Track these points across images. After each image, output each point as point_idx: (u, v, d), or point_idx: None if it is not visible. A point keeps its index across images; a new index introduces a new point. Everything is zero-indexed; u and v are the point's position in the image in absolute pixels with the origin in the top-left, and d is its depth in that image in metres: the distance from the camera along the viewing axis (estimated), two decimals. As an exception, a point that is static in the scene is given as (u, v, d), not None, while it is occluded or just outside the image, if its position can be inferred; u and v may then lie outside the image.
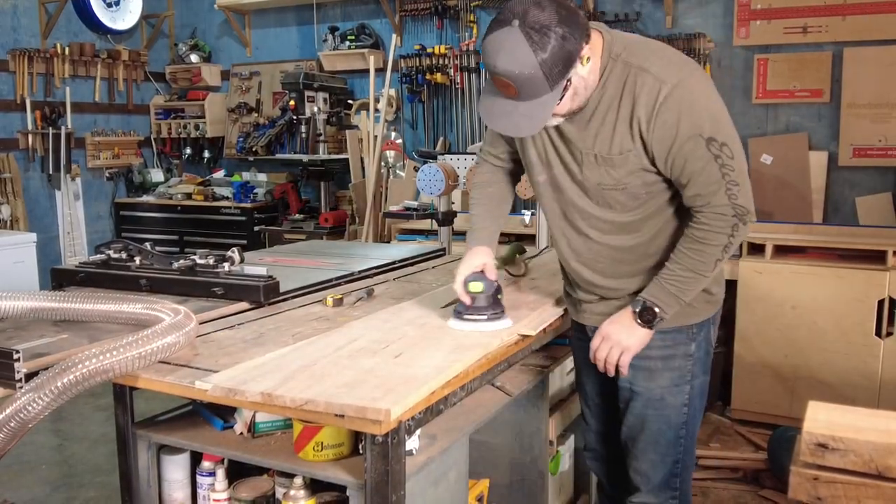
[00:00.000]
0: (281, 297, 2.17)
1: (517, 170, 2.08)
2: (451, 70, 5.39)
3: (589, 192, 1.80)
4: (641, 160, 1.70)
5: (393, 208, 4.34)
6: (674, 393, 1.88)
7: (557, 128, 1.78)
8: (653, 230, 1.80)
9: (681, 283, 1.73)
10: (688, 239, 1.72)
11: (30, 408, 1.38)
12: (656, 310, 1.74)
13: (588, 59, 1.62)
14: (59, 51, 5.79)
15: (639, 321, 1.76)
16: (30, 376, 1.45)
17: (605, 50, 1.68)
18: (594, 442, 2.18)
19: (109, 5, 6.10)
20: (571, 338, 2.12)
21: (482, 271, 1.87)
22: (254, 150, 6.15)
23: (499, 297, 1.88)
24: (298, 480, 1.53)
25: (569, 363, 2.48)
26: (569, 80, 1.60)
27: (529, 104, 1.58)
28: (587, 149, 1.74)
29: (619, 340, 1.79)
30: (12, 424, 1.39)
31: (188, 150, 6.60)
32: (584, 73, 1.64)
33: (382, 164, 4.82)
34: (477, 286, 1.83)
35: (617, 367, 1.82)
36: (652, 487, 1.95)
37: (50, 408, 1.40)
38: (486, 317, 1.84)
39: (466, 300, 1.84)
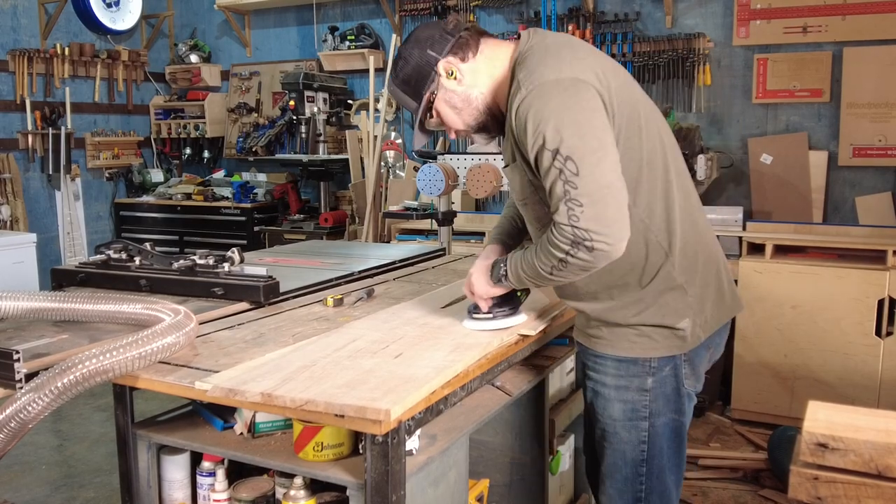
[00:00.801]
0: (281, 298, 2.17)
1: None
2: (451, 70, 5.38)
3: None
4: (526, 173, 1.66)
5: (393, 208, 4.34)
6: (627, 428, 1.78)
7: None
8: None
9: (525, 265, 1.67)
10: (543, 236, 1.60)
11: (30, 408, 1.38)
12: (501, 272, 1.75)
13: (452, 72, 1.68)
14: (58, 51, 5.79)
15: (491, 273, 1.79)
16: (30, 377, 1.45)
17: (513, 60, 1.68)
18: (585, 450, 2.14)
19: (109, 5, 6.10)
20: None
21: None
22: (254, 150, 6.15)
23: (518, 294, 1.87)
24: (298, 480, 1.53)
25: (569, 363, 2.48)
26: (432, 93, 1.69)
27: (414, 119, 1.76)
28: (502, 162, 1.83)
29: (473, 282, 1.83)
30: (12, 425, 1.39)
31: (188, 151, 6.60)
32: (454, 87, 1.69)
33: (382, 164, 4.82)
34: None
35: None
36: None
37: (50, 408, 1.40)
38: (493, 315, 1.83)
39: (474, 299, 1.85)
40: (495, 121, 1.74)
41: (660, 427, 1.78)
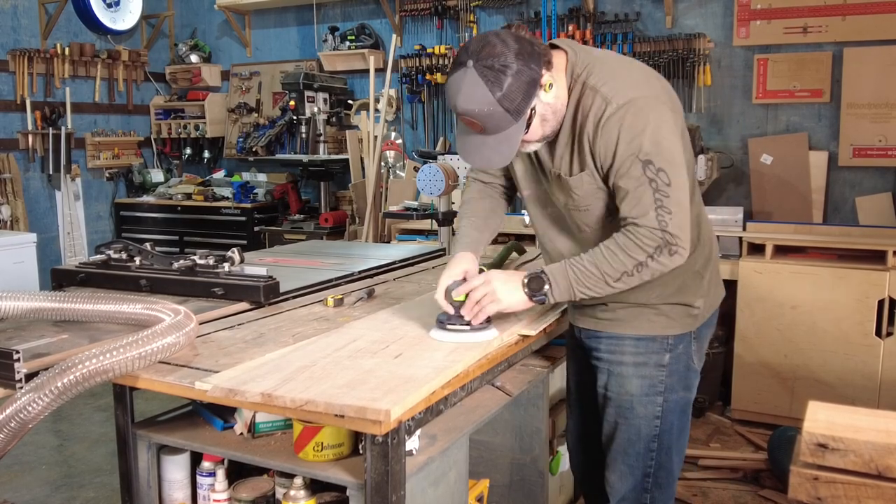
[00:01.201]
0: (281, 298, 2.17)
1: (509, 185, 2.09)
2: (451, 70, 5.38)
3: (563, 211, 1.85)
4: (596, 180, 1.72)
5: (393, 208, 4.34)
6: (644, 403, 1.86)
7: None
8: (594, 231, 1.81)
9: (582, 275, 1.69)
10: (611, 240, 1.69)
11: (30, 408, 1.38)
12: (546, 287, 1.71)
13: (551, 85, 1.67)
14: (59, 51, 5.79)
15: (525, 288, 1.74)
16: (30, 376, 1.45)
17: (569, 71, 1.72)
18: (572, 444, 2.19)
19: (109, 6, 6.10)
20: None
21: (464, 279, 1.81)
22: (254, 150, 6.15)
23: None
24: (298, 481, 1.53)
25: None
26: (533, 109, 1.65)
27: (497, 137, 1.64)
28: (552, 170, 1.80)
29: (497, 290, 1.74)
30: (12, 425, 1.39)
31: (188, 151, 6.60)
32: (550, 100, 1.69)
33: (382, 164, 4.82)
34: (460, 295, 1.76)
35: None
36: (619, 500, 1.93)
37: (50, 408, 1.40)
38: (469, 327, 1.76)
39: (449, 310, 1.77)
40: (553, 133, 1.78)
41: (672, 403, 1.88)
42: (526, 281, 1.74)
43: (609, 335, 1.88)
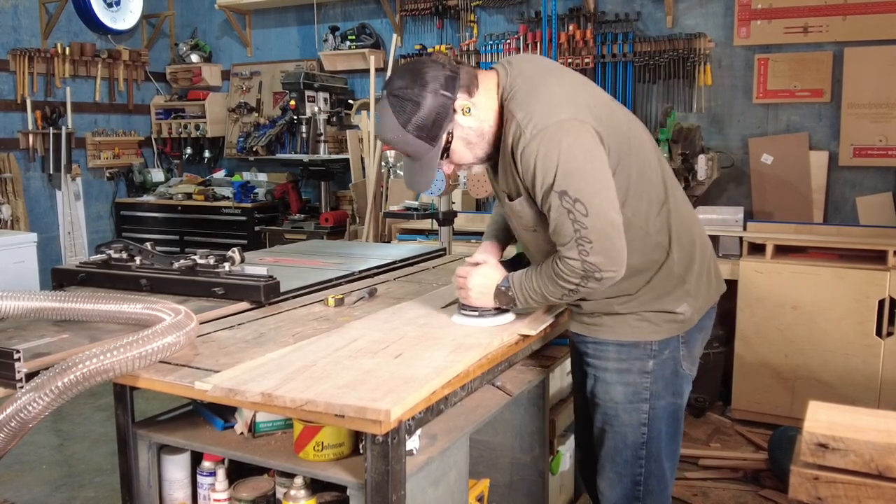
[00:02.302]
0: (281, 297, 2.17)
1: None
2: (452, 70, 5.38)
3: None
4: (533, 205, 1.72)
5: (394, 208, 4.34)
6: (628, 410, 1.85)
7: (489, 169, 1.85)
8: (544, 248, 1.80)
9: (532, 292, 1.77)
10: (546, 265, 1.73)
11: (30, 408, 1.38)
12: (510, 293, 1.81)
13: (469, 109, 1.69)
14: (59, 51, 5.79)
15: (496, 297, 1.83)
16: (30, 376, 1.45)
17: (499, 93, 1.72)
18: (575, 443, 2.23)
19: (110, 5, 6.10)
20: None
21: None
22: (254, 149, 6.15)
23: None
24: (299, 480, 1.53)
25: (569, 363, 2.48)
26: (449, 134, 1.68)
27: (420, 163, 1.71)
28: (501, 190, 1.82)
29: (471, 287, 1.84)
30: (13, 424, 1.39)
31: (188, 150, 6.60)
32: (471, 124, 1.70)
33: (383, 163, 4.82)
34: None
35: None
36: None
37: (50, 408, 1.40)
38: (480, 312, 1.85)
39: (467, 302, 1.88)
40: (495, 150, 1.78)
41: (659, 409, 1.85)
42: (500, 285, 1.83)
43: (595, 340, 1.88)
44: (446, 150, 1.72)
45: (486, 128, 1.72)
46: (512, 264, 2.00)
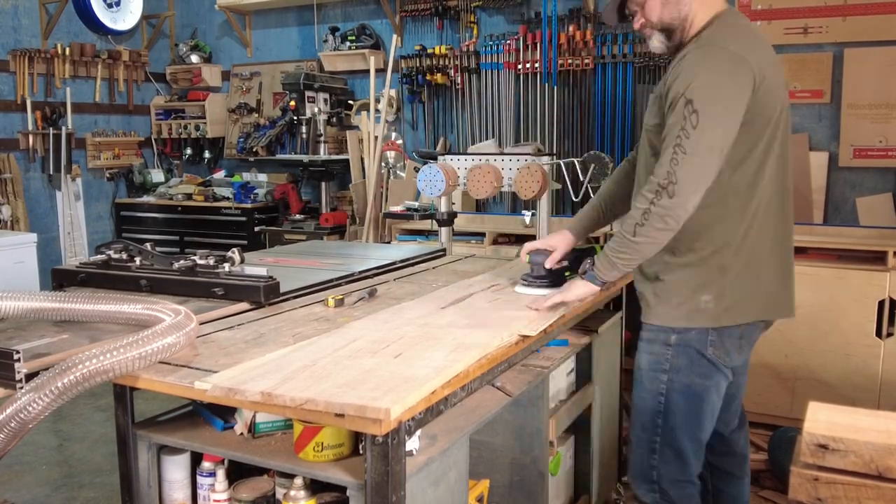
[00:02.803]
0: (281, 298, 2.17)
1: None
2: (452, 71, 5.39)
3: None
4: (659, 105, 1.87)
5: (394, 209, 4.34)
6: (649, 378, 1.99)
7: None
8: None
9: (612, 242, 1.88)
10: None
11: (30, 408, 1.38)
12: (587, 264, 1.98)
13: None
14: (59, 51, 5.79)
15: (580, 272, 2.01)
16: (30, 377, 1.45)
17: (710, 22, 1.88)
18: None
19: (110, 6, 6.10)
20: None
21: (546, 251, 2.18)
22: (254, 150, 6.15)
23: (565, 273, 2.25)
24: (299, 481, 1.53)
25: (569, 363, 2.48)
26: None
27: None
28: (652, 103, 1.98)
29: (565, 288, 2.04)
30: (12, 425, 1.39)
31: (188, 151, 6.60)
32: None
33: (383, 164, 4.82)
34: (529, 257, 2.22)
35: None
36: (632, 473, 2.08)
37: (50, 408, 1.40)
38: (529, 283, 2.21)
39: (523, 258, 2.25)
40: (674, 37, 1.93)
41: (678, 384, 1.95)
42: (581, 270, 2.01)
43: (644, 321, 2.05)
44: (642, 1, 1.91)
45: (684, 7, 1.88)
46: (578, 253, 2.21)
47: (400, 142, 5.14)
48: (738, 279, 1.90)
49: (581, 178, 3.19)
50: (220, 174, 6.32)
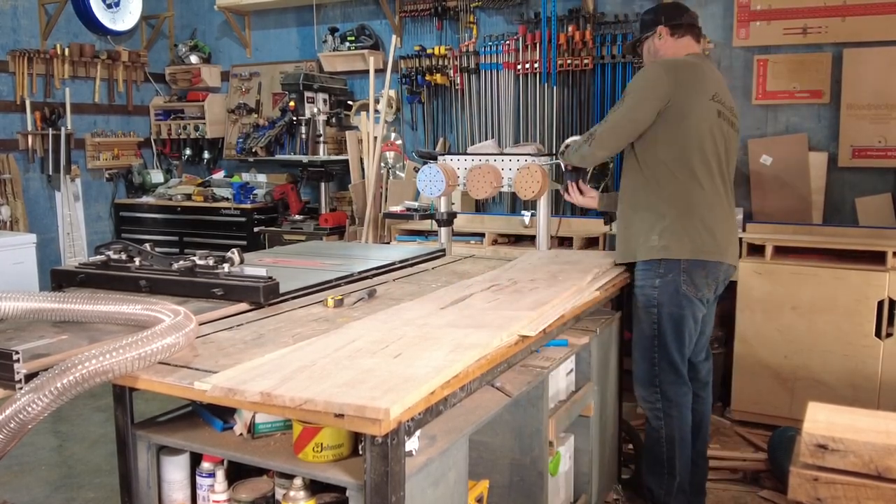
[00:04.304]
0: (281, 298, 2.17)
1: None
2: (451, 71, 5.39)
3: None
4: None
5: (394, 209, 4.34)
6: (645, 312, 2.72)
7: None
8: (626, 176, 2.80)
9: (575, 141, 2.91)
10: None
11: (29, 409, 1.38)
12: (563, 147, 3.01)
13: (661, 35, 2.78)
14: (58, 52, 5.79)
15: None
16: (29, 377, 1.45)
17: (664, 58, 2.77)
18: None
19: (109, 6, 6.10)
20: None
21: None
22: (253, 150, 6.15)
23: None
24: (298, 481, 1.53)
25: (569, 363, 2.48)
26: (647, 36, 2.82)
27: (636, 35, 3.03)
28: None
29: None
30: (12, 425, 1.39)
31: (188, 151, 6.60)
32: (657, 43, 2.80)
33: (382, 164, 4.82)
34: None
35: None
36: (638, 380, 2.78)
37: (49, 409, 1.40)
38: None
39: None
40: None
41: (664, 315, 2.67)
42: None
43: (639, 262, 2.75)
44: (639, 42, 2.88)
45: (660, 55, 2.79)
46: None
47: (399, 142, 5.14)
48: (672, 224, 2.62)
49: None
50: (219, 175, 6.32)
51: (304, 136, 5.45)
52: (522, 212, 4.34)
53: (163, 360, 1.55)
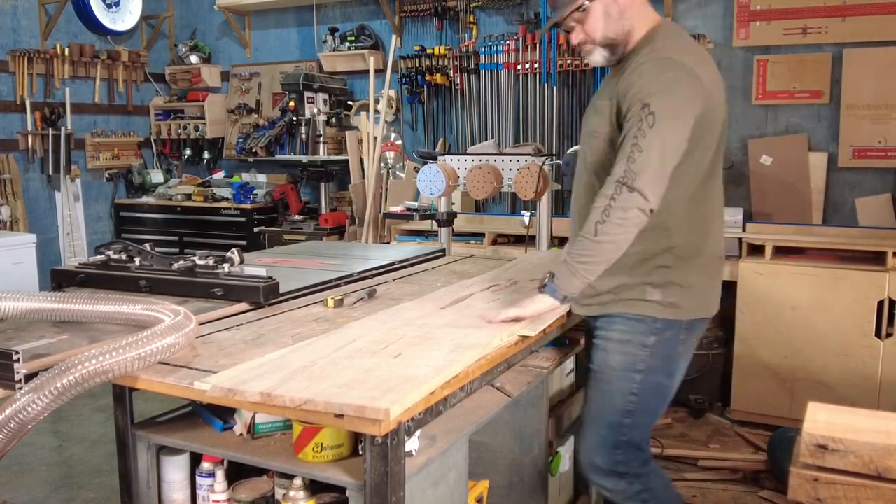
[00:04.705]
0: (280, 298, 2.17)
1: None
2: (451, 71, 5.39)
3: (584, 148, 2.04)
4: (612, 112, 1.89)
5: (394, 209, 4.34)
6: (621, 377, 1.98)
7: None
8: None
9: (574, 247, 1.83)
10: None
11: (29, 409, 1.38)
12: (552, 270, 1.89)
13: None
14: (58, 52, 5.79)
15: (540, 287, 1.92)
16: (29, 377, 1.45)
17: (651, 33, 1.92)
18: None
19: (109, 6, 6.10)
20: None
21: None
22: (253, 150, 6.15)
23: None
24: (298, 481, 1.53)
25: (569, 364, 2.48)
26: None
27: (557, 6, 1.96)
28: (592, 106, 2.03)
29: (521, 302, 1.93)
30: (12, 425, 1.39)
31: (188, 151, 6.60)
32: (619, 4, 1.90)
33: (382, 165, 4.81)
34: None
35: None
36: (594, 468, 2.07)
37: (49, 409, 1.40)
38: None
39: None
40: (617, 51, 1.96)
41: (650, 383, 1.98)
42: (542, 283, 1.92)
43: (607, 314, 2.01)
44: (578, 9, 1.90)
45: (628, 16, 1.91)
46: None
47: (399, 142, 5.14)
48: (681, 276, 1.96)
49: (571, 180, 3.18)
50: (219, 175, 6.32)
51: (304, 136, 5.45)
52: (522, 212, 4.33)
53: (163, 360, 1.55)
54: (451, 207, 3.52)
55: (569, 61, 4.94)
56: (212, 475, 1.70)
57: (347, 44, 5.75)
